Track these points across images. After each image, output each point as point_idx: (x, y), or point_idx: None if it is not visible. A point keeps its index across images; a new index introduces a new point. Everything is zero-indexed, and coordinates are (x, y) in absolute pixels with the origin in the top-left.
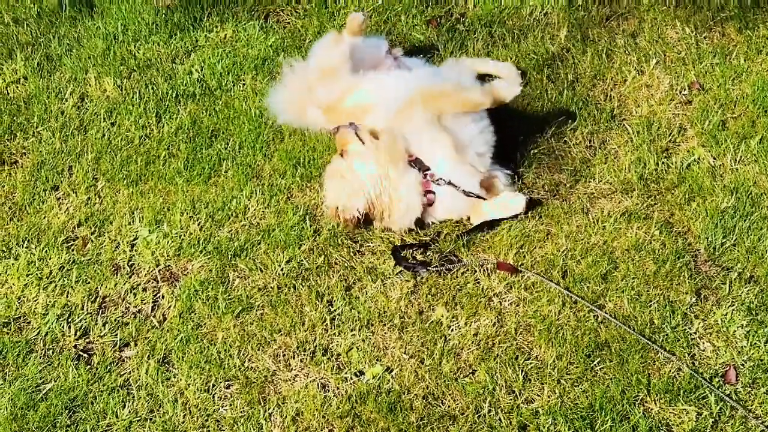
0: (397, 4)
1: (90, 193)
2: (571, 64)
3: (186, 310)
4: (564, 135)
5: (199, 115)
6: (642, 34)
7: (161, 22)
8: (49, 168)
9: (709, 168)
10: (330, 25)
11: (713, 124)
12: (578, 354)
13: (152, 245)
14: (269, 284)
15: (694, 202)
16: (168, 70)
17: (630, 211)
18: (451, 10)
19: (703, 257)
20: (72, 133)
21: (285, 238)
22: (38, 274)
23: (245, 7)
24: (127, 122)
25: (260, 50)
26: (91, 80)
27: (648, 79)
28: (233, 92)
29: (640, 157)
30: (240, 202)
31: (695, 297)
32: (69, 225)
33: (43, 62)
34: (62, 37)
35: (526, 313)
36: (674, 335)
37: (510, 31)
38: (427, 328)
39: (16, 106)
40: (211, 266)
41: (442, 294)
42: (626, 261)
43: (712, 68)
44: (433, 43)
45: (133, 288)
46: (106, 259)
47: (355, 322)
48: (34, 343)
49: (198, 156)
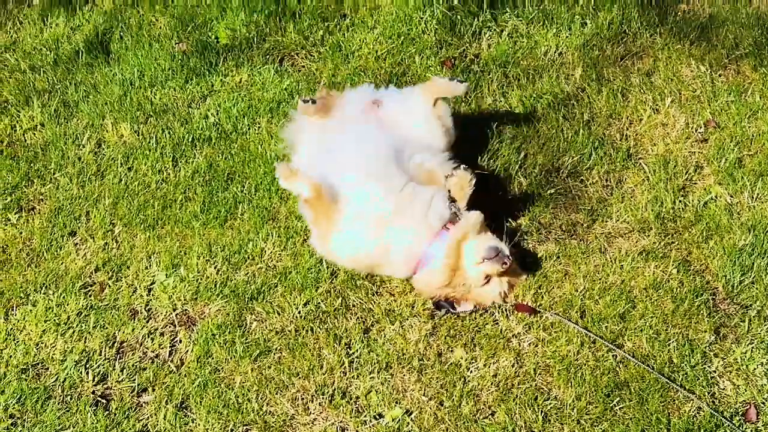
0: (411, 46)
1: (107, 238)
2: (586, 104)
3: (203, 354)
4: (580, 174)
5: (215, 159)
6: (657, 72)
7: (177, 67)
8: (67, 214)
9: (726, 206)
10: (344, 67)
11: (730, 161)
12: (597, 394)
13: (169, 289)
14: (287, 327)
15: (712, 240)
16: (184, 115)
17: (647, 250)
18: (465, 52)
19: (722, 295)
20: (89, 178)
21: (302, 281)
22: (56, 320)
23: (260, 51)
24: (143, 167)
25: (275, 93)
26: (108, 126)
27: (663, 117)
28: (249, 135)
29: (657, 196)
30: (256, 244)
31: (714, 335)
32: (86, 270)
33: (60, 109)
34: (79, 83)
35: (545, 353)
36: (694, 374)
37: (525, 72)
38: (446, 370)
39: (33, 153)
40: (228, 310)
41: (461, 335)
42: (644, 300)
43: (728, 106)
44: None
45: (150, 333)
46: (124, 304)
47: (374, 364)
48: (52, 389)
49: (214, 199)
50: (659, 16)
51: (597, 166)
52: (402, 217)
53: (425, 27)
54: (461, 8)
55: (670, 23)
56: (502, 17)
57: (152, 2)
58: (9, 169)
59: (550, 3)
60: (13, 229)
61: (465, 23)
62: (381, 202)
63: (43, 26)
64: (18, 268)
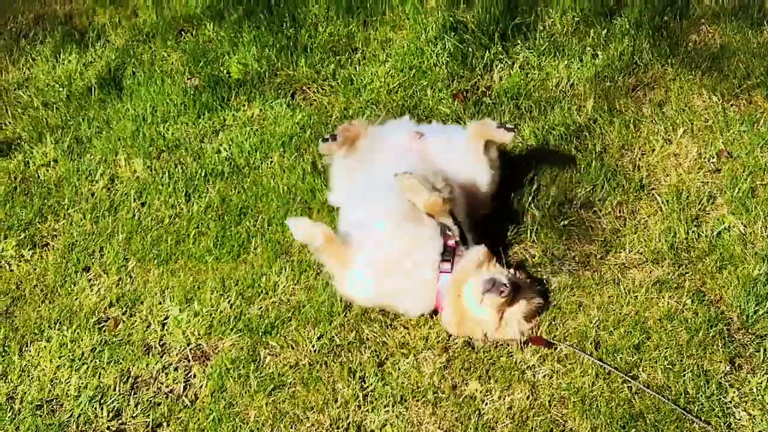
0: (422, 79)
1: (121, 273)
2: (598, 135)
3: (218, 389)
4: (593, 206)
5: (227, 193)
6: (669, 103)
7: (189, 102)
8: (80, 249)
9: (740, 236)
10: (356, 101)
11: (743, 191)
12: (613, 425)
13: (183, 324)
14: (301, 361)
15: (726, 270)
16: (197, 150)
17: (661, 281)
18: (477, 84)
19: (736, 325)
20: (102, 214)
21: (316, 315)
22: (70, 356)
23: (272, 86)
24: (157, 202)
25: (287, 127)
26: (121, 161)
27: (676, 148)
28: (261, 169)
29: (670, 227)
30: (270, 278)
31: (729, 365)
32: (100, 306)
33: (73, 145)
34: (92, 119)
35: (560, 385)
36: (709, 404)
37: (537, 103)
38: (461, 403)
39: (46, 189)
40: (242, 344)
41: (475, 368)
42: (659, 331)
43: (740, 135)
44: (459, 116)
45: (164, 367)
46: (138, 339)
47: (389, 398)
48: (66, 425)
49: (227, 234)
50: (670, 46)
51: (610, 197)
52: (408, 255)
53: (437, 60)
54: (472, 41)
55: (681, 54)
56: (513, 49)
57: (164, 38)
58: (23, 205)
59: (561, 35)
60: (27, 265)
61: (476, 55)
62: (392, 240)
63: (56, 63)
64: (32, 304)
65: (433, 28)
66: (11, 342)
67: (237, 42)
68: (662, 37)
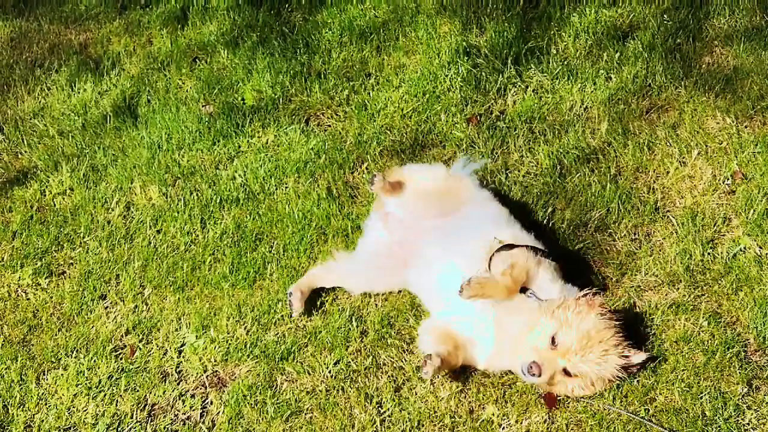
0: (436, 104)
1: (137, 300)
2: (613, 158)
3: (235, 415)
4: (608, 228)
5: (243, 220)
6: (683, 125)
7: (204, 129)
8: (97, 277)
9: (756, 257)
10: (370, 126)
11: (758, 212)
12: None
13: (200, 351)
14: (317, 387)
15: (742, 291)
16: (212, 177)
17: (677, 303)
18: (491, 108)
19: (753, 347)
20: (118, 241)
21: (332, 340)
22: (87, 384)
23: (286, 112)
24: (172, 229)
25: (302, 153)
26: (137, 189)
27: (690, 170)
28: (276, 196)
29: (686, 249)
30: (286, 305)
31: (747, 387)
32: (117, 333)
33: (88, 173)
34: (107, 147)
35: (576, 408)
36: (727, 427)
37: (551, 127)
38: (478, 427)
39: (62, 217)
40: (259, 370)
41: (492, 392)
42: (675, 353)
43: (755, 157)
44: (473, 141)
45: (181, 395)
46: (155, 367)
47: (406, 423)
48: None
49: (243, 260)
50: (683, 68)
51: (625, 219)
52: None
53: (450, 84)
54: (486, 65)
55: (694, 76)
56: (526, 73)
57: (179, 65)
58: (39, 233)
59: (574, 58)
60: (44, 293)
61: (490, 80)
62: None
63: (71, 91)
64: (49, 333)
65: (447, 53)
66: (28, 370)
67: (251, 69)
68: (675, 59)
